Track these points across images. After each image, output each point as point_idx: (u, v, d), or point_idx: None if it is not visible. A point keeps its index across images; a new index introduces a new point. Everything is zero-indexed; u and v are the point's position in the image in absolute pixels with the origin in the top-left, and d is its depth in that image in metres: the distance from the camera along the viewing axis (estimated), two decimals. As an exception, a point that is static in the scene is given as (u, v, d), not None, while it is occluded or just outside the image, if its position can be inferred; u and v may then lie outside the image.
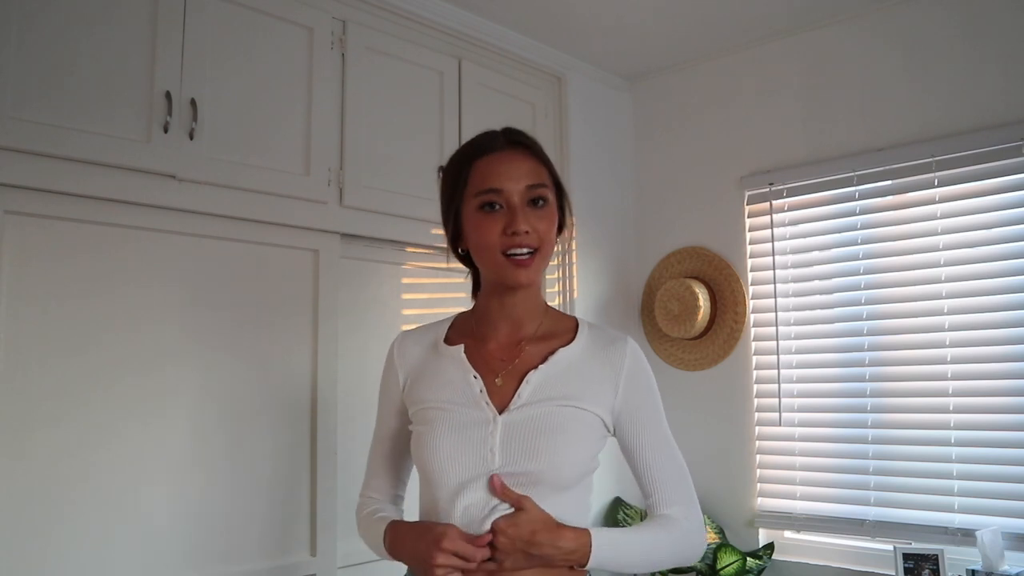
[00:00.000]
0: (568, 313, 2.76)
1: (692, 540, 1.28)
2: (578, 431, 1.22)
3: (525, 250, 1.20)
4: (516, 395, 1.23)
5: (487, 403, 1.23)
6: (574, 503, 1.23)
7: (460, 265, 1.37)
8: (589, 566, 1.19)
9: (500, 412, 1.22)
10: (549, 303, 2.91)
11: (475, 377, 1.25)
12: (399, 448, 1.37)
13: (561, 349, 1.27)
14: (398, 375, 1.33)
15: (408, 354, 1.34)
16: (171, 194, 1.87)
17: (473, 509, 1.18)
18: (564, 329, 1.32)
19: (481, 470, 1.18)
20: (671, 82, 3.12)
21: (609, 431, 1.28)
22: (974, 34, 2.40)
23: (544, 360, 1.26)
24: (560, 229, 1.31)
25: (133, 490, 1.79)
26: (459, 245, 1.30)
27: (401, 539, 1.25)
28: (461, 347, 1.29)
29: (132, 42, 1.83)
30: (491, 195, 1.21)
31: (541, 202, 1.23)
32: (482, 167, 1.23)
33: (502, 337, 1.29)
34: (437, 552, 1.13)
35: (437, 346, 1.33)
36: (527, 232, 1.19)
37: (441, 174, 1.34)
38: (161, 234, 1.88)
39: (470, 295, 1.38)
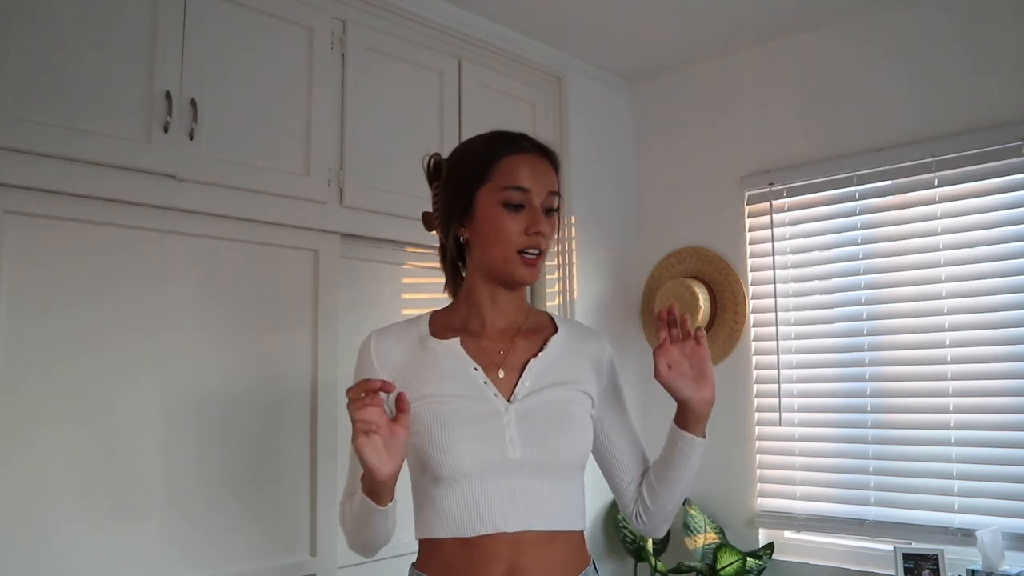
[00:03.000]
0: (564, 314, 2.78)
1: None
2: (582, 415, 1.28)
3: (536, 251, 1.24)
4: (520, 383, 1.25)
5: (495, 393, 1.23)
6: (579, 487, 1.28)
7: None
8: (701, 440, 1.27)
9: (508, 401, 1.23)
10: (549, 303, 2.92)
11: (476, 369, 1.25)
12: None
13: (552, 337, 1.32)
14: (379, 376, 1.25)
15: (390, 354, 1.28)
16: (171, 194, 1.87)
17: (497, 502, 1.18)
18: (545, 323, 1.37)
19: (501, 461, 1.18)
20: (671, 82, 3.12)
21: (594, 415, 1.33)
22: (974, 34, 2.40)
23: (541, 348, 1.30)
24: None
25: (133, 490, 1.79)
26: (460, 231, 1.29)
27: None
28: (456, 340, 1.28)
29: (132, 42, 1.83)
30: (518, 193, 1.23)
31: (552, 211, 1.28)
32: (512, 164, 1.25)
33: (496, 331, 1.30)
34: (351, 411, 1.07)
35: (424, 342, 1.29)
36: (543, 235, 1.24)
37: (452, 158, 1.33)
38: (161, 234, 1.88)
39: (447, 286, 1.39)
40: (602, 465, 1.38)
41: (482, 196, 1.25)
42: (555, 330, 1.35)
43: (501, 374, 1.26)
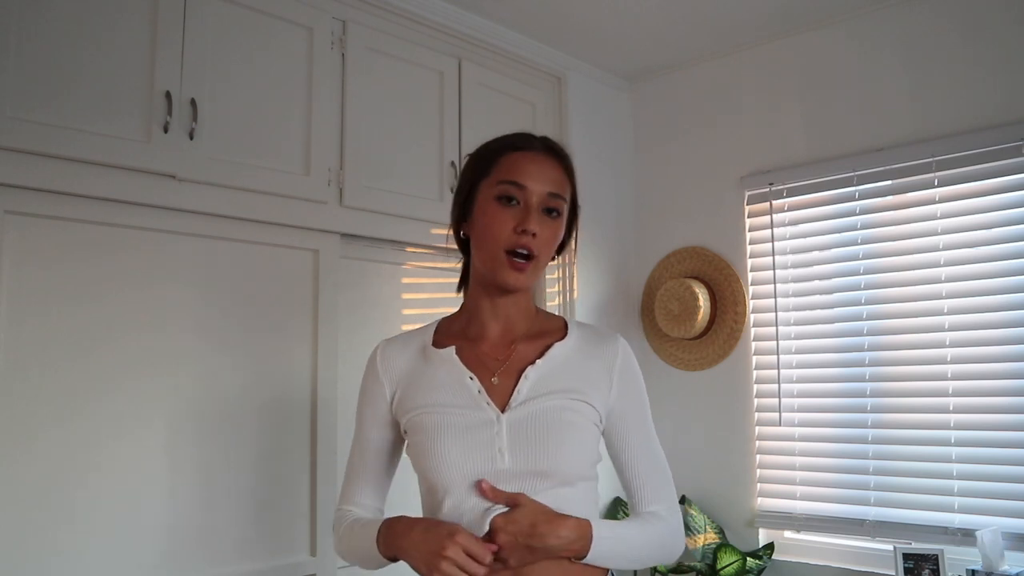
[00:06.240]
0: (563, 314, 2.77)
1: (676, 539, 1.28)
2: (581, 424, 1.22)
3: (525, 252, 1.19)
4: (515, 391, 1.21)
5: (488, 403, 1.20)
6: (584, 495, 1.23)
7: (459, 264, 1.37)
8: (589, 557, 1.16)
9: (502, 411, 1.20)
10: (549, 303, 2.91)
11: (471, 378, 1.23)
12: (382, 462, 1.33)
13: (556, 344, 1.27)
14: (384, 387, 1.29)
15: (393, 364, 1.30)
16: (171, 194, 1.87)
17: (487, 513, 1.16)
18: (554, 328, 1.31)
19: (490, 471, 1.17)
20: (671, 82, 3.12)
21: (601, 426, 1.27)
22: (974, 34, 2.39)
23: (540, 355, 1.25)
24: (562, 248, 1.31)
25: (134, 491, 1.79)
26: (462, 228, 1.29)
27: (404, 530, 1.17)
28: (452, 348, 1.27)
29: (132, 42, 1.83)
30: (512, 188, 1.20)
31: (555, 213, 1.23)
32: (513, 159, 1.23)
33: (494, 337, 1.28)
34: (450, 543, 1.08)
35: (425, 351, 1.29)
36: (534, 235, 1.19)
37: (466, 158, 1.33)
38: (161, 234, 1.88)
39: (457, 284, 1.36)
40: (619, 478, 1.33)
41: (481, 189, 1.24)
42: (563, 336, 1.29)
43: (495, 381, 1.23)
